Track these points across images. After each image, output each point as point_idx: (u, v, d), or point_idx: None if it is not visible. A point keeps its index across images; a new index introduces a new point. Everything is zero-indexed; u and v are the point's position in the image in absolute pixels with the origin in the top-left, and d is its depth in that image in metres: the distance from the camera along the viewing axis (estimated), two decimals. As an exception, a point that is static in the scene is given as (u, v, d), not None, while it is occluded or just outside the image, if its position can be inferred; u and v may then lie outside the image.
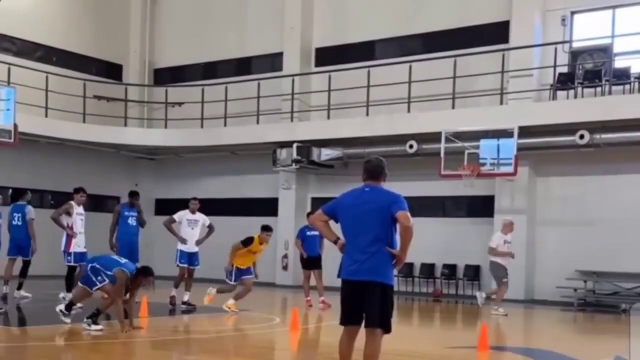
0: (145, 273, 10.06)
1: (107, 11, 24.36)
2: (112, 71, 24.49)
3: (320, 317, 13.27)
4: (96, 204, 21.37)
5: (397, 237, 6.04)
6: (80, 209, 13.23)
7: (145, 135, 22.69)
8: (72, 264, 13.04)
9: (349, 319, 5.99)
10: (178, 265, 13.57)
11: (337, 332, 11.35)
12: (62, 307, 10.44)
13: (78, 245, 13.08)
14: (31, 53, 22.18)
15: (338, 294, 6.31)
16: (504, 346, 9.95)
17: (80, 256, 13.05)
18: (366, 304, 5.86)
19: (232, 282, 12.99)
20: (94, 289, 10.02)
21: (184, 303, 13.30)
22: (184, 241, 13.45)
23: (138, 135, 22.43)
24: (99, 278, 9.85)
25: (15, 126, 16.62)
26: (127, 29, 24.91)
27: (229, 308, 12.88)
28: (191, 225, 13.68)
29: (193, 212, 13.77)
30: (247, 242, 12.83)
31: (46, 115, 20.26)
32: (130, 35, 24.95)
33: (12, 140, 16.62)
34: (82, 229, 13.21)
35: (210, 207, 23.27)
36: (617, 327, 13.78)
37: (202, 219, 13.83)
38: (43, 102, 20.05)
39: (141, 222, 14.16)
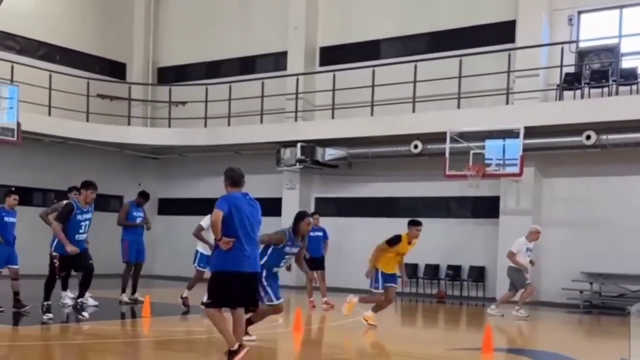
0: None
1: (111, 9, 24.30)
2: (115, 70, 24.43)
3: (323, 318, 13.15)
4: (99, 203, 21.26)
5: None
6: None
7: (149, 134, 22.61)
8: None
9: (239, 303, 7.21)
10: (196, 268, 13.04)
11: (340, 332, 11.25)
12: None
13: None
14: (34, 51, 22.13)
15: (342, 294, 6.25)
16: (508, 348, 9.82)
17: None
18: (255, 290, 7.39)
19: (380, 290, 11.37)
20: None
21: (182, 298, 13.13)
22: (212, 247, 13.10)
23: (141, 135, 22.36)
24: None
25: (19, 125, 16.58)
26: (131, 27, 24.84)
27: (367, 320, 11.49)
28: None
29: None
30: (394, 241, 11.22)
31: (49, 114, 20.22)
32: (134, 34, 24.88)
33: (15, 138, 16.59)
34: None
35: (214, 207, 23.28)
36: (622, 329, 13.62)
37: None
38: (46, 101, 20.00)
39: (148, 226, 14.21)
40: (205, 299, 7.30)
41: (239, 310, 7.24)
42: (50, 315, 10.73)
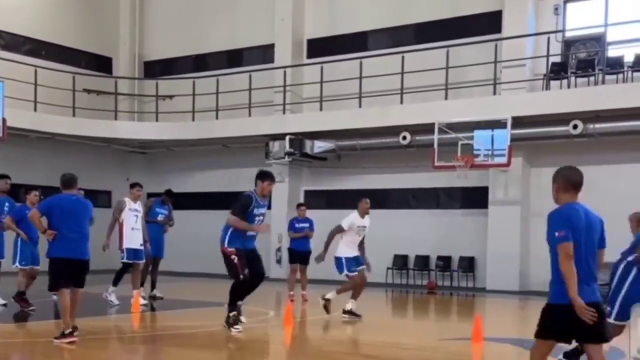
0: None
1: (96, 3, 24.14)
2: (101, 64, 24.29)
3: (315, 311, 13.15)
4: (87, 198, 21.19)
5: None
6: (136, 205, 12.71)
7: (136, 128, 22.52)
8: (125, 260, 12.53)
9: (69, 284, 8.63)
10: (347, 275, 11.59)
11: (330, 325, 11.25)
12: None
13: (131, 241, 12.53)
14: (19, 46, 21.96)
15: (331, 287, 6.26)
16: (498, 337, 9.86)
17: (134, 253, 12.58)
18: (83, 274, 8.76)
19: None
20: None
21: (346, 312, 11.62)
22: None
23: (129, 129, 22.27)
24: None
25: (4, 121, 16.45)
26: (117, 21, 24.69)
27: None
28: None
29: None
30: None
31: (35, 110, 20.08)
32: (119, 28, 24.74)
33: (0, 135, 16.45)
34: (138, 225, 12.64)
35: (203, 200, 23.24)
36: (612, 317, 13.71)
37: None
38: (32, 96, 19.85)
39: (166, 227, 14.15)
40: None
41: (75, 294, 8.64)
42: (239, 328, 9.70)
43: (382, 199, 20.36)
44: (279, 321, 11.39)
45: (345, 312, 11.40)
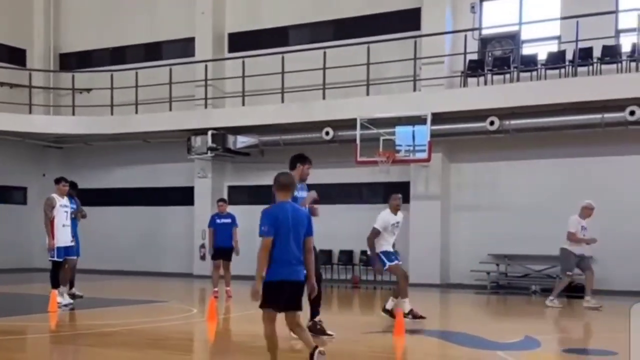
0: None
1: (9, -7, 23.26)
2: (15, 56, 23.44)
3: (239, 307, 13.10)
4: (1, 195, 20.52)
5: None
6: (64, 200, 12.23)
7: (52, 122, 21.85)
8: (55, 259, 12.01)
9: None
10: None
11: (254, 321, 11.23)
12: None
13: (62, 239, 12.03)
14: None
15: (247, 283, 6.31)
16: (420, 329, 10.06)
17: (65, 250, 12.12)
18: None
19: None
20: None
21: None
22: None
23: (44, 123, 21.60)
24: None
25: None
26: (30, 11, 23.84)
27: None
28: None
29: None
30: None
31: (-55, 103, 19.25)
32: (33, 18, 23.91)
33: None
34: (68, 222, 12.19)
35: (124, 197, 22.76)
36: (527, 308, 14.20)
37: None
38: (-59, 89, 19.01)
39: (80, 216, 13.68)
40: None
41: None
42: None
43: (305, 194, 20.42)
44: (202, 318, 11.28)
45: (406, 314, 10.63)
